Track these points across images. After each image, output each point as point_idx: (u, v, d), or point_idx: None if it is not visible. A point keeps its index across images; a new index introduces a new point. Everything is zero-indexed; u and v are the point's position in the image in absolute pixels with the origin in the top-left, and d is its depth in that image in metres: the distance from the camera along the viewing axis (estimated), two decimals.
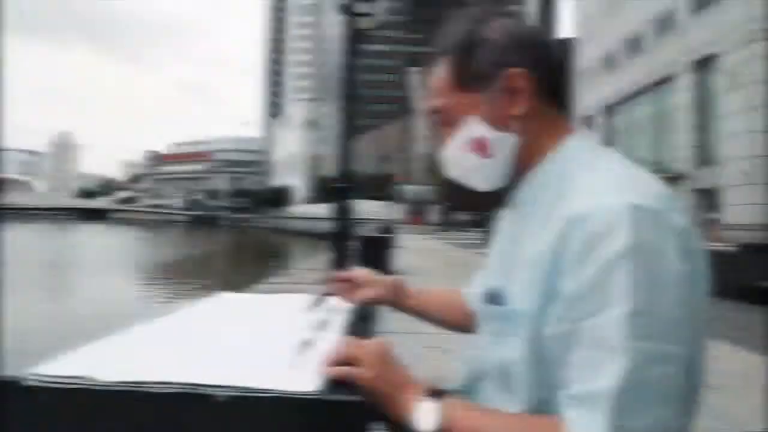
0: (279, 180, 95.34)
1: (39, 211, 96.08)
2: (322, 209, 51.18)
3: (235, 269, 16.84)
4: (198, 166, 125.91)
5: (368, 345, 0.53)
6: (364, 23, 4.19)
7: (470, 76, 0.58)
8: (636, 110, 24.89)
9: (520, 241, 0.57)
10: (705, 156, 19.20)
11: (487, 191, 0.63)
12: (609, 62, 26.78)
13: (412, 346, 2.43)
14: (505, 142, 0.58)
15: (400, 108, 70.12)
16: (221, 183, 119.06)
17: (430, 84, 0.64)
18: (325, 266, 6.42)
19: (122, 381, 0.41)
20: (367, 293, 0.80)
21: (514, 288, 0.54)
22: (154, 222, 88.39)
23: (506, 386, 0.53)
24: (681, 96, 20.36)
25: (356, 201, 3.52)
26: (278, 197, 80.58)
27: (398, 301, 0.83)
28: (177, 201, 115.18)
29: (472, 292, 0.80)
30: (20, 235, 32.24)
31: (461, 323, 0.82)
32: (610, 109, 26.71)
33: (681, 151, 20.11)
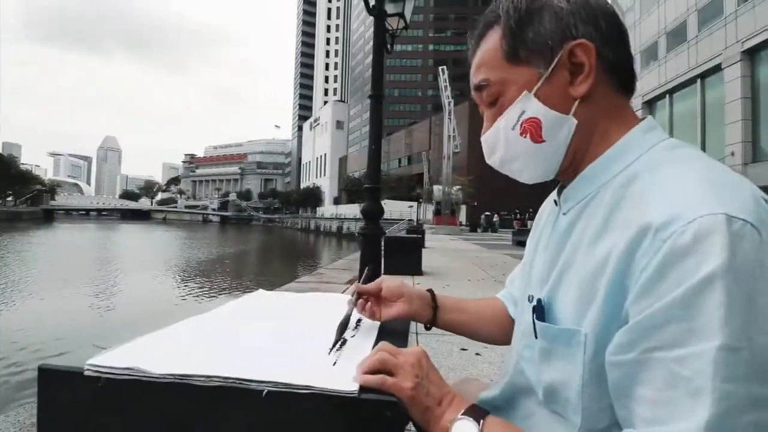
0: (308, 181, 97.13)
1: (88, 211, 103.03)
2: (350, 209, 51.94)
3: (267, 268, 17.31)
4: (232, 168, 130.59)
5: (406, 354, 0.50)
6: (393, 23, 4.20)
7: (526, 48, 0.50)
8: (680, 104, 23.56)
9: (571, 246, 0.49)
10: (758, 152, 17.93)
11: (531, 183, 0.55)
12: (650, 54, 25.50)
13: (444, 347, 2.42)
14: (562, 126, 0.49)
15: (429, 107, 69.80)
16: (253, 184, 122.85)
17: (477, 57, 0.55)
18: (354, 266, 6.49)
19: (170, 373, 0.43)
20: (396, 310, 0.71)
21: (566, 302, 0.47)
22: (191, 221, 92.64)
23: (555, 409, 0.48)
24: (730, 87, 19.08)
25: (385, 201, 3.52)
26: (307, 198, 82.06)
27: (430, 318, 0.74)
28: (212, 202, 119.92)
29: (508, 297, 0.75)
30: (73, 233, 34.77)
31: (501, 337, 0.75)
32: (651, 104, 25.42)
33: (731, 147, 18.84)
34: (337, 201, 75.53)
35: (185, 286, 11.68)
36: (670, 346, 0.35)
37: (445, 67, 26.12)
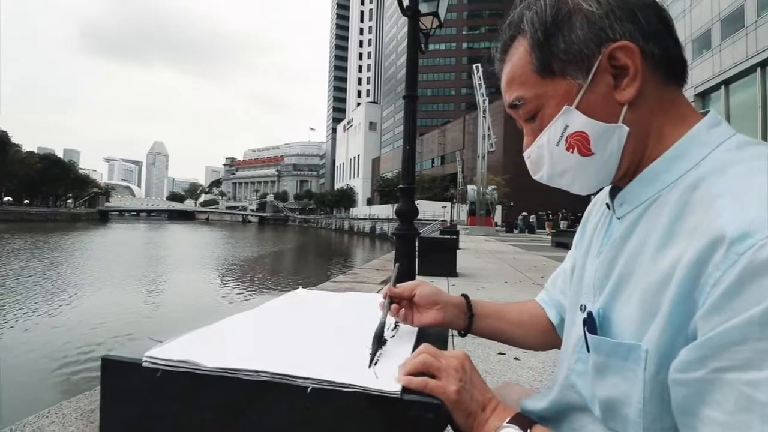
0: (342, 182, 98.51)
1: (138, 212, 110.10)
2: (383, 210, 52.13)
3: (303, 267, 17.72)
4: (269, 170, 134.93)
5: (448, 357, 0.48)
6: (427, 23, 4.16)
7: (559, 60, 0.46)
8: (737, 95, 21.76)
9: (629, 254, 0.45)
10: None
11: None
12: (702, 42, 23.75)
13: (480, 350, 2.37)
14: (612, 136, 0.45)
15: (462, 106, 68.78)
16: (289, 185, 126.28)
17: (506, 73, 0.51)
18: (388, 266, 6.50)
19: (221, 367, 0.45)
20: (429, 318, 0.68)
21: (624, 315, 0.43)
22: (231, 222, 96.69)
23: (614, 427, 0.45)
24: None
25: (418, 202, 3.50)
26: (341, 198, 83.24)
27: (465, 326, 0.71)
28: (251, 203, 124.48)
29: (548, 301, 0.72)
30: (126, 233, 37.30)
31: (540, 343, 0.72)
32: (704, 96, 23.66)
33: None
34: (370, 202, 76.08)
35: (229, 283, 12.20)
36: (745, 368, 0.32)
37: (479, 64, 25.57)
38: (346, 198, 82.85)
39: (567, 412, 0.53)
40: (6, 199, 69.02)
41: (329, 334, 0.65)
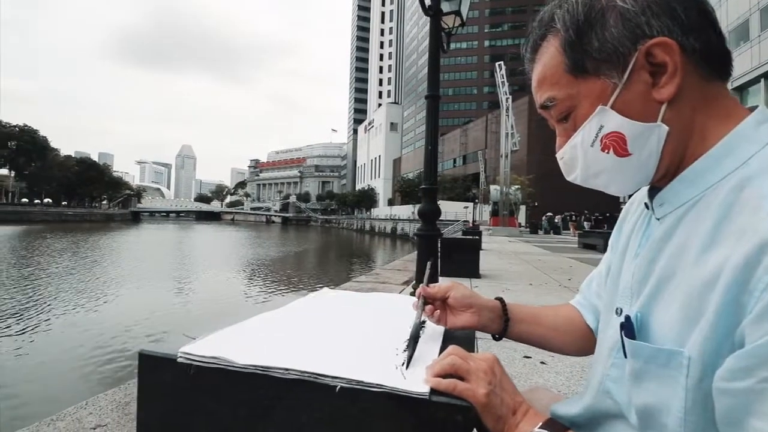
0: (363, 182, 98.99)
1: (168, 213, 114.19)
2: (404, 210, 52.03)
3: (326, 266, 17.91)
4: (292, 172, 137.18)
5: (477, 359, 0.47)
6: (449, 22, 4.12)
7: (592, 59, 0.44)
8: None
9: (670, 257, 0.43)
10: None
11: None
12: (740, 33, 22.52)
13: (505, 353, 2.32)
14: (650, 136, 0.44)
15: (485, 105, 67.87)
16: (311, 186, 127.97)
17: (536, 72, 0.50)
18: (410, 267, 6.47)
19: (252, 364, 0.47)
20: (463, 321, 0.66)
21: (664, 319, 0.41)
22: (256, 222, 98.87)
23: None
24: None
25: (439, 202, 3.46)
26: (362, 199, 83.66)
27: (500, 330, 0.69)
28: (274, 203, 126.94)
29: (585, 304, 0.69)
30: (158, 233, 38.74)
31: (576, 348, 0.69)
32: (742, 90, 22.44)
33: None
34: (391, 202, 76.13)
35: (255, 282, 12.48)
36: None
37: (502, 62, 25.14)
38: (367, 198, 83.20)
39: (601, 419, 0.50)
40: (46, 200, 73.07)
41: (355, 333, 0.65)
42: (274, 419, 0.46)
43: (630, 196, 0.60)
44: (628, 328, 0.44)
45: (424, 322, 0.68)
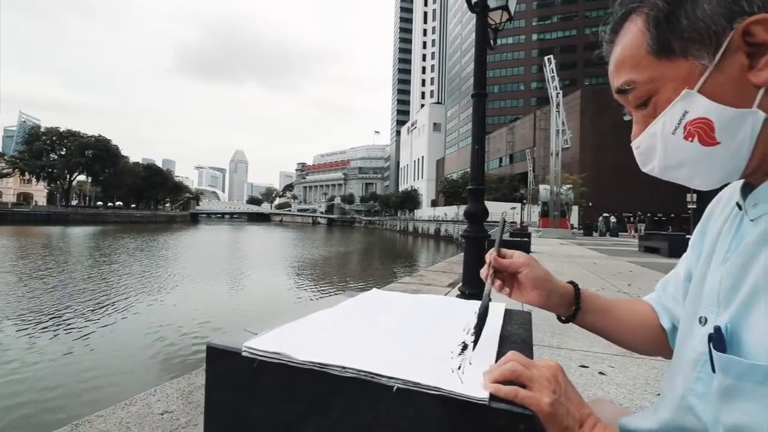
0: (406, 184, 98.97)
1: (223, 214, 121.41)
2: (448, 211, 51.32)
3: (370, 267, 18.10)
4: (336, 174, 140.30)
5: (540, 367, 0.45)
6: (495, 17, 4.01)
7: (680, 38, 0.41)
8: None
9: (764, 262, 0.40)
10: None
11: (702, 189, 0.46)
12: None
13: (559, 361, 2.21)
14: (743, 123, 0.40)
15: (533, 102, 65.29)
16: (355, 188, 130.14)
17: (616, 54, 0.47)
18: (455, 269, 6.37)
19: (310, 361, 0.47)
20: (528, 298, 0.63)
21: (760, 332, 0.38)
22: (302, 223, 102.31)
23: None
24: None
25: (487, 203, 3.37)
26: (405, 200, 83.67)
27: (568, 315, 0.66)
28: (320, 205, 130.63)
29: (660, 304, 0.65)
30: (215, 233, 41.35)
31: (646, 347, 0.66)
32: None
33: None
34: (434, 203, 75.42)
35: (306, 280, 12.92)
36: None
37: (551, 56, 24.00)
38: (410, 200, 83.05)
39: None
40: (117, 203, 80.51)
41: (408, 335, 0.65)
42: (331, 416, 0.46)
43: (716, 193, 0.55)
44: (717, 340, 0.40)
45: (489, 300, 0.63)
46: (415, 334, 0.66)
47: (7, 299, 8.19)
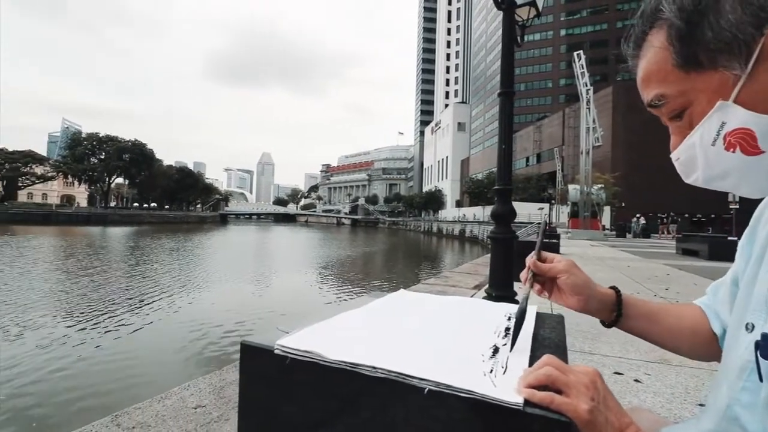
0: (430, 184, 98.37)
1: (251, 215, 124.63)
2: (473, 212, 50.63)
3: (395, 268, 18.11)
4: (360, 175, 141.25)
5: (577, 372, 0.43)
6: (523, 14, 3.93)
7: (707, 50, 0.40)
8: None
9: None
10: None
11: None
12: None
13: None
14: None
15: (561, 99, 63.48)
16: (379, 189, 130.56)
17: (642, 68, 0.46)
18: (480, 270, 6.27)
19: (341, 360, 0.48)
20: (566, 302, 0.62)
21: None
22: (327, 224, 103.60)
23: None
24: None
25: (515, 203, 3.30)
26: (429, 201, 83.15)
27: (608, 320, 0.64)
28: (344, 206, 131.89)
29: (711, 308, 0.61)
30: (244, 233, 42.53)
31: (695, 353, 0.62)
32: None
33: None
34: (459, 204, 74.61)
35: (332, 280, 13.10)
36: None
37: (581, 51, 23.23)
38: (434, 200, 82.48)
39: None
40: (152, 204, 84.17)
41: (438, 336, 0.65)
42: (361, 415, 0.47)
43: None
44: (765, 348, 0.39)
45: (507, 328, 0.64)
46: (443, 335, 0.66)
47: (59, 296, 8.73)
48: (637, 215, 25.64)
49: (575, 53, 23.11)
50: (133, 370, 4.90)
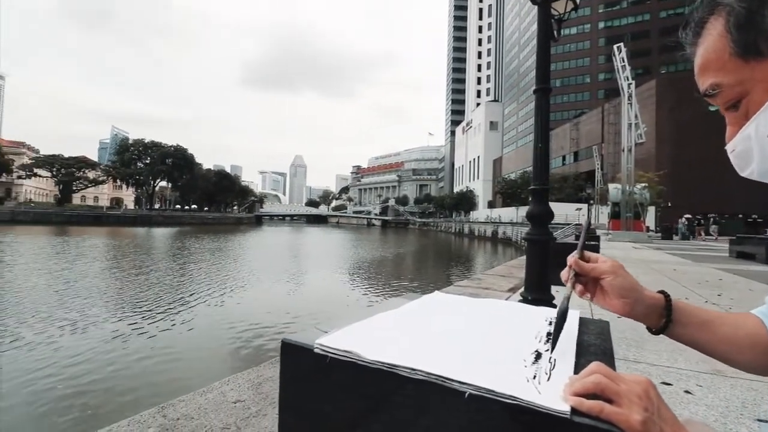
0: (461, 185, 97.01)
1: (284, 216, 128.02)
2: (506, 213, 49.42)
3: (425, 269, 18.00)
4: (390, 176, 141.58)
5: (629, 381, 0.41)
6: (559, 8, 3.80)
7: (767, 38, 0.39)
8: None
9: None
10: None
11: None
12: None
13: None
14: None
15: (600, 94, 60.79)
16: (409, 190, 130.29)
17: (699, 57, 0.45)
18: (514, 273, 6.11)
19: (380, 360, 0.48)
20: (610, 306, 0.58)
21: None
22: (357, 225, 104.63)
23: None
24: None
25: (551, 203, 3.19)
26: (460, 201, 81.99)
27: (656, 326, 0.60)
28: (374, 207, 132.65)
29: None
30: (278, 234, 43.78)
31: (754, 365, 0.58)
32: None
33: None
34: (491, 204, 73.00)
35: (363, 281, 13.23)
36: None
37: (621, 44, 22.12)
38: (466, 201, 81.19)
39: None
40: (192, 206, 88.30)
41: (477, 339, 0.64)
42: (398, 416, 0.46)
43: None
44: None
45: (549, 333, 0.62)
46: (481, 338, 0.65)
47: (113, 295, 9.36)
48: (686, 216, 24.09)
49: (615, 46, 22.06)
50: (178, 363, 5.18)
